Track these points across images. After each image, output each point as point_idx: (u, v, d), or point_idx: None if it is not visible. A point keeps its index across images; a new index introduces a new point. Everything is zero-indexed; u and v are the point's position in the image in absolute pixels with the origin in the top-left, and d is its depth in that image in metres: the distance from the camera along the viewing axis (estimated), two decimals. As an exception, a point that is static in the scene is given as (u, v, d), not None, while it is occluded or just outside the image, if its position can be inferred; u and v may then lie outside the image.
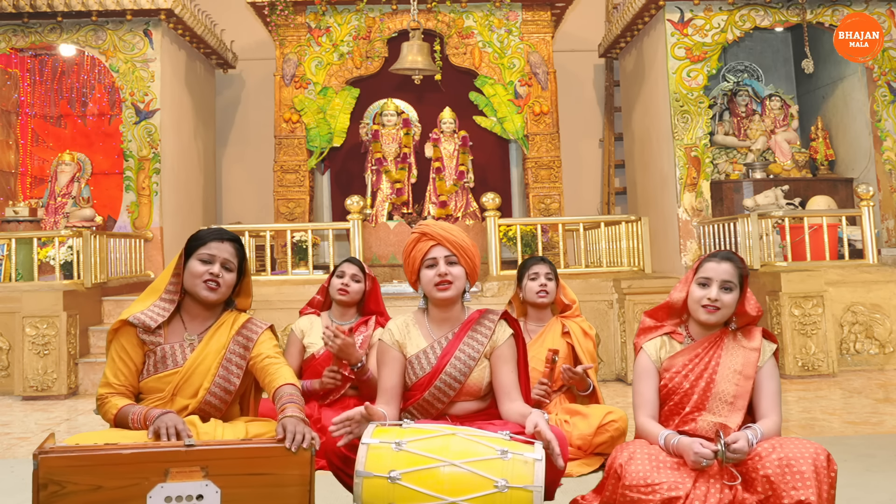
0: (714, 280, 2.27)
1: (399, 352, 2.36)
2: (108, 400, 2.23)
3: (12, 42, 7.13)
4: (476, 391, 2.33)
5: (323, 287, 3.58)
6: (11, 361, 5.46)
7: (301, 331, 3.48)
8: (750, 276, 2.39)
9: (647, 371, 2.34)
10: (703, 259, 2.34)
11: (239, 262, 2.34)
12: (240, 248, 2.35)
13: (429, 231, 2.34)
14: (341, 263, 3.52)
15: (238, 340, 2.32)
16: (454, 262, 2.32)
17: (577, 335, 3.29)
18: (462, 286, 2.35)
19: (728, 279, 2.26)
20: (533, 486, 1.88)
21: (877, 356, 5.64)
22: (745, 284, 2.30)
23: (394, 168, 7.76)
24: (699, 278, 2.30)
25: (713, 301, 2.25)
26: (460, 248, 2.32)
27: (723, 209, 7.19)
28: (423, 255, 2.33)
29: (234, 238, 2.34)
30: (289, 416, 2.01)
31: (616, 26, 7.98)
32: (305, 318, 3.54)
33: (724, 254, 2.33)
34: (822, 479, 1.97)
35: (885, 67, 6.91)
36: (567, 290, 3.43)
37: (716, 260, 2.30)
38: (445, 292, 2.30)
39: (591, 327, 3.38)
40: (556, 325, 3.34)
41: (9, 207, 7.38)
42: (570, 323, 3.32)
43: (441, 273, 2.29)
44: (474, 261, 2.36)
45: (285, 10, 7.54)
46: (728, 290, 2.26)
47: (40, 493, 1.81)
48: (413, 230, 2.40)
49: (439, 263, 2.30)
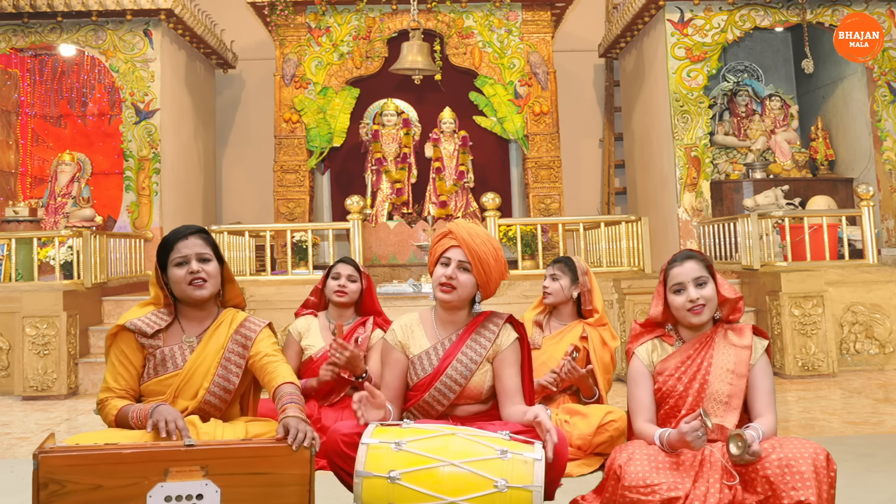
0: (686, 282, 2.26)
1: (402, 353, 2.35)
2: (108, 403, 2.23)
3: (12, 42, 7.14)
4: (477, 394, 2.33)
5: (317, 288, 3.54)
6: (11, 361, 5.46)
7: (298, 332, 3.46)
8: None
9: (640, 375, 2.33)
10: (665, 269, 2.33)
11: (212, 249, 2.31)
12: (206, 237, 2.32)
13: (455, 231, 2.30)
14: (335, 265, 3.46)
15: (236, 339, 2.31)
16: (467, 269, 2.27)
17: (594, 342, 3.25)
18: (467, 295, 2.30)
19: (698, 275, 2.26)
20: (533, 486, 1.88)
21: (877, 356, 5.64)
22: (713, 273, 2.30)
23: (394, 168, 7.77)
24: (672, 286, 2.28)
25: (695, 301, 2.24)
26: (478, 257, 2.27)
27: (723, 209, 7.19)
28: (442, 250, 2.31)
29: (197, 230, 2.32)
30: (290, 416, 2.01)
31: (616, 26, 7.98)
32: (302, 319, 3.52)
33: (683, 254, 2.33)
34: (822, 479, 1.97)
35: (885, 67, 6.91)
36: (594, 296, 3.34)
37: (678, 263, 2.29)
38: (444, 295, 2.28)
39: (614, 337, 3.31)
40: (577, 328, 3.32)
41: (9, 207, 7.38)
42: (590, 329, 3.29)
43: (448, 275, 2.27)
44: (490, 275, 2.29)
45: (285, 10, 7.54)
46: (703, 285, 2.26)
47: (40, 492, 1.81)
48: (446, 225, 2.36)
49: (451, 265, 2.28)
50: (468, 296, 2.31)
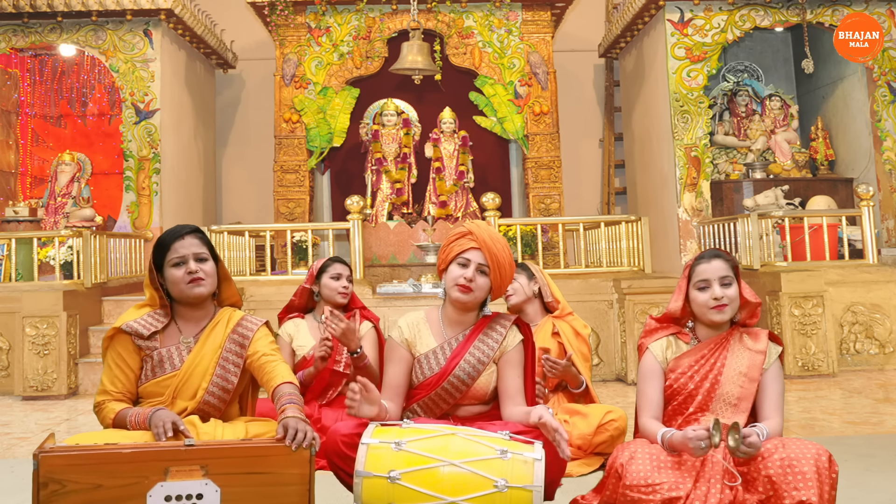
0: (712, 279, 2.27)
1: (407, 350, 2.35)
2: (105, 406, 2.23)
3: (12, 42, 7.13)
4: (482, 395, 2.33)
5: (303, 288, 3.50)
6: (11, 361, 5.46)
7: (289, 335, 3.47)
8: (750, 276, 2.39)
9: (652, 372, 2.33)
10: (691, 264, 2.34)
11: (208, 249, 2.31)
12: (202, 236, 2.32)
13: (476, 233, 2.29)
14: (331, 264, 3.45)
15: (234, 339, 2.31)
16: (485, 272, 2.28)
17: (567, 335, 3.26)
18: (481, 297, 2.31)
19: (724, 274, 2.27)
20: (532, 486, 1.88)
21: (877, 356, 5.64)
22: (738, 275, 2.31)
23: (394, 168, 7.77)
24: (697, 282, 2.29)
25: (719, 299, 2.25)
26: (497, 262, 2.27)
27: (723, 209, 7.19)
28: (460, 250, 2.29)
29: (192, 229, 2.32)
30: (290, 416, 2.01)
31: (616, 26, 7.98)
32: (290, 322, 3.51)
33: (711, 252, 2.33)
34: (824, 479, 1.97)
35: (885, 67, 6.91)
36: (550, 289, 3.38)
37: (706, 260, 2.30)
38: (462, 295, 2.27)
39: (584, 326, 3.32)
40: (547, 324, 3.32)
41: (9, 207, 7.38)
42: (560, 323, 3.29)
43: (468, 277, 2.26)
44: (504, 280, 2.31)
45: (285, 10, 7.54)
46: (728, 285, 2.27)
47: (40, 491, 1.81)
48: (464, 225, 2.35)
49: (470, 266, 2.27)
50: (482, 298, 2.32)
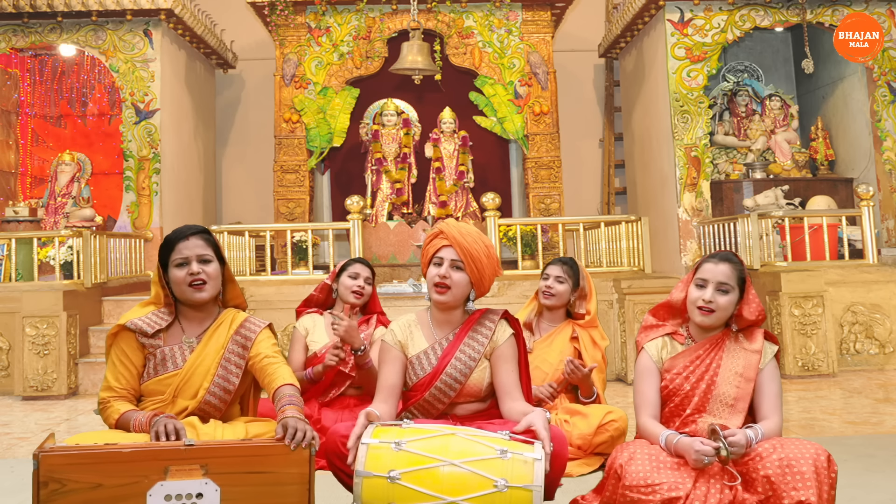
0: (710, 281, 2.25)
1: (401, 352, 2.36)
2: (110, 404, 2.23)
3: (12, 42, 7.14)
4: (476, 392, 2.33)
5: (325, 284, 3.55)
6: (11, 361, 5.46)
7: (305, 328, 3.49)
8: (749, 276, 2.38)
9: (648, 371, 2.33)
10: (703, 259, 2.33)
11: (213, 250, 2.30)
12: (208, 237, 2.30)
13: (446, 230, 2.32)
14: (352, 264, 3.47)
15: (236, 340, 2.31)
16: (460, 267, 2.28)
17: (585, 343, 3.25)
18: (461, 294, 2.31)
19: (724, 281, 2.24)
20: (532, 486, 1.88)
21: (877, 356, 5.64)
22: (745, 287, 2.27)
23: (394, 168, 7.77)
24: (697, 279, 2.29)
25: (707, 303, 2.24)
26: (470, 255, 2.28)
27: (723, 209, 7.19)
28: (434, 251, 2.32)
29: (199, 230, 2.31)
30: (289, 416, 2.01)
31: (616, 26, 7.98)
32: (308, 316, 3.53)
33: (724, 255, 2.31)
34: (823, 479, 1.97)
35: (885, 67, 6.91)
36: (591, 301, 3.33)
37: (714, 261, 2.28)
38: (439, 296, 2.29)
39: (603, 337, 3.30)
40: (567, 328, 3.31)
41: (9, 207, 7.38)
42: (581, 330, 3.28)
43: (442, 274, 2.27)
44: (483, 272, 2.30)
45: (285, 10, 7.54)
46: (724, 293, 2.24)
47: (41, 491, 1.81)
48: (436, 226, 2.37)
49: (444, 264, 2.28)
50: (462, 295, 2.32)
